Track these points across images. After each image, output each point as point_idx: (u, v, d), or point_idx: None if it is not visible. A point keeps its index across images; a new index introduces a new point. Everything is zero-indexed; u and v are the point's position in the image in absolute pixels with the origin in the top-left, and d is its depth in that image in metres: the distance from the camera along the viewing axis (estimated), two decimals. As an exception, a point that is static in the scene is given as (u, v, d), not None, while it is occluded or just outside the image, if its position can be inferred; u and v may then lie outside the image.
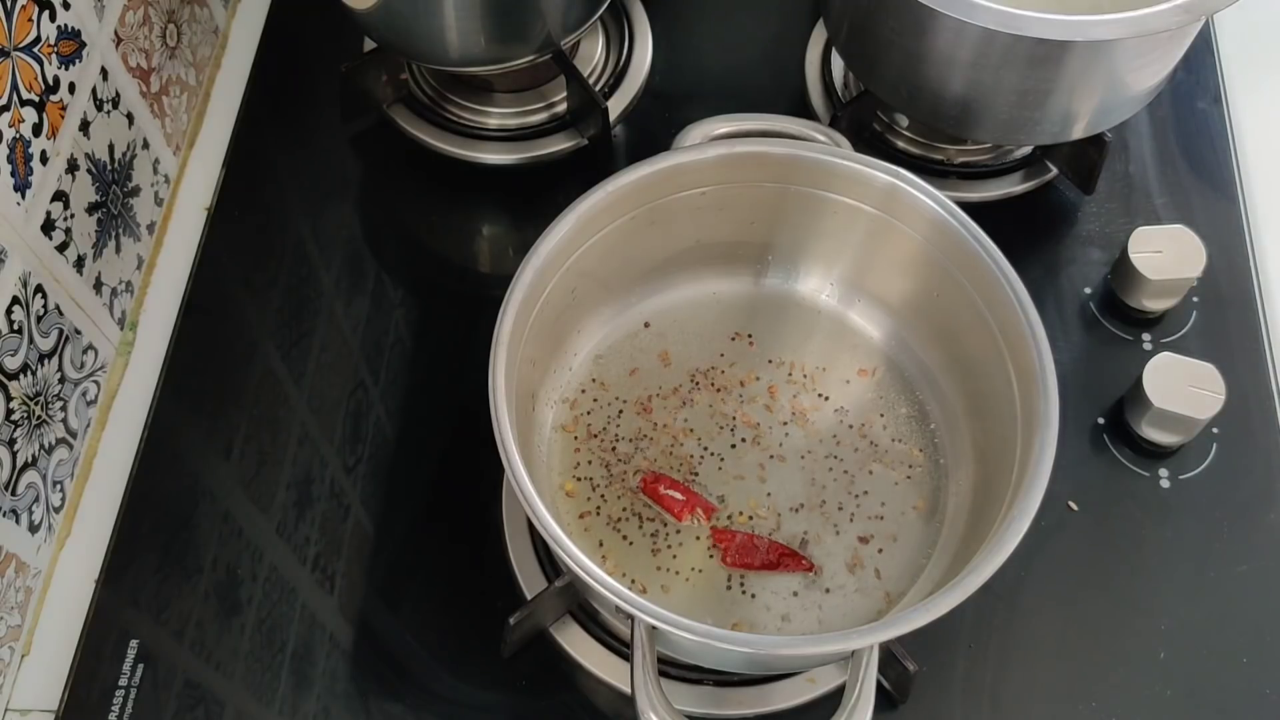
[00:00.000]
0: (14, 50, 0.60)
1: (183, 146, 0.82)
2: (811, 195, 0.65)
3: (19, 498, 0.62)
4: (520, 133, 0.81)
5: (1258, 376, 0.72)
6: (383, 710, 0.62)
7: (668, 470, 0.65)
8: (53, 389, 0.65)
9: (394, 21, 0.73)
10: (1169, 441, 0.68)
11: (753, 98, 0.79)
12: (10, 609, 0.63)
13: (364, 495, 0.68)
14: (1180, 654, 0.63)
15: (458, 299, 0.77)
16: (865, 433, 0.67)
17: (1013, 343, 0.58)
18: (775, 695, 0.61)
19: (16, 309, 0.61)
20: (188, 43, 0.81)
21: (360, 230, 0.79)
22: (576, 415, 0.67)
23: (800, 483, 0.65)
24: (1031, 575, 0.65)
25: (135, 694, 0.62)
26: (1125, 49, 0.64)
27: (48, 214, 0.64)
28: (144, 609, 0.64)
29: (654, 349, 0.70)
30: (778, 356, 0.69)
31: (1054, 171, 0.78)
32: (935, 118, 0.73)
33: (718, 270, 0.70)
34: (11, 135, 0.60)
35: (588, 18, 0.76)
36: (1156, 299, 0.72)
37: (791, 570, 0.62)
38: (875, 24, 0.70)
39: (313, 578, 0.66)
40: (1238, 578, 0.66)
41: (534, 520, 0.52)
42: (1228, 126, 0.82)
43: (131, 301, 0.75)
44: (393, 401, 0.71)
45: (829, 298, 0.71)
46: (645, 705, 0.50)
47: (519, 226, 0.80)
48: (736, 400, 0.68)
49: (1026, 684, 0.63)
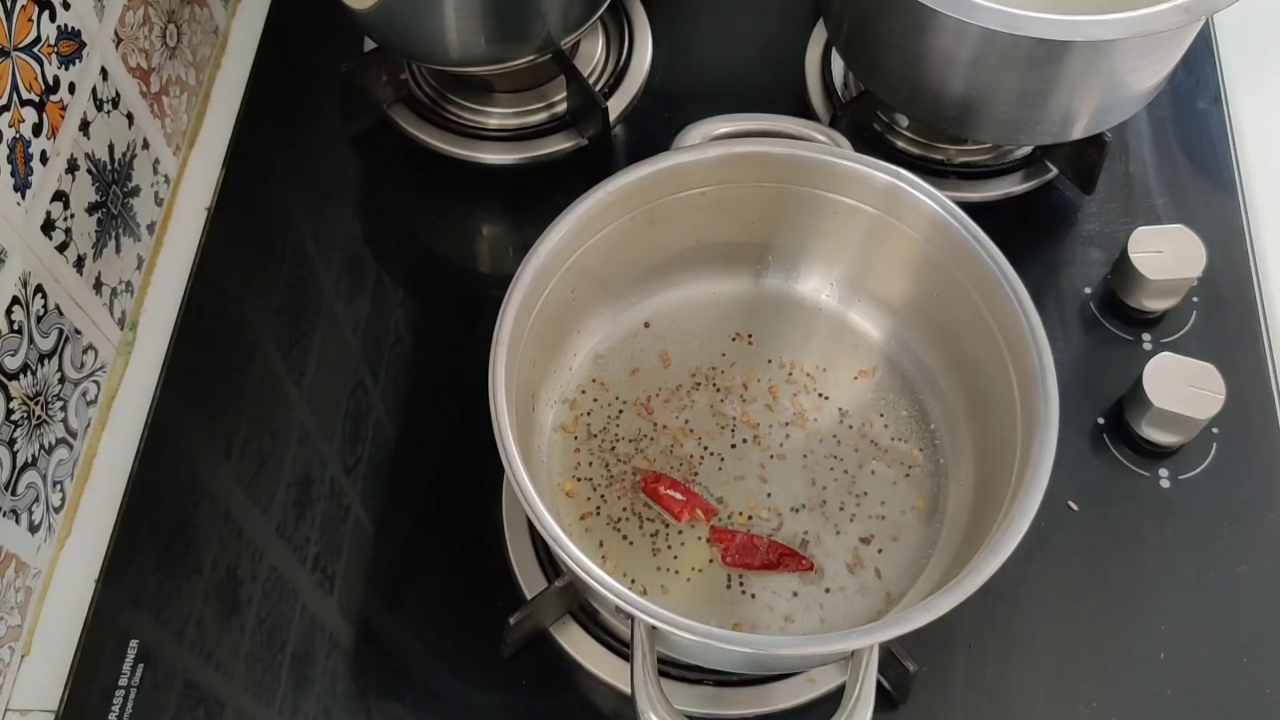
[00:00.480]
0: (14, 50, 0.60)
1: (183, 146, 0.82)
2: (811, 195, 0.65)
3: (19, 498, 0.62)
4: (520, 133, 0.81)
5: (1258, 376, 0.72)
6: (383, 710, 0.62)
7: (668, 470, 0.65)
8: (53, 389, 0.65)
9: (394, 21, 0.73)
10: (1169, 441, 0.68)
11: (753, 98, 0.79)
12: (10, 609, 0.63)
13: (364, 495, 0.68)
14: (1180, 654, 0.63)
15: (458, 299, 0.77)
16: (865, 433, 0.67)
17: (1013, 343, 0.58)
18: (775, 695, 0.61)
19: (16, 309, 0.61)
20: (188, 43, 0.81)
21: (360, 230, 0.79)
22: (576, 415, 0.67)
23: (800, 483, 0.65)
24: (1031, 575, 0.65)
25: (135, 694, 0.62)
26: (1125, 49, 0.64)
27: (48, 214, 0.64)
28: (144, 609, 0.64)
29: (654, 349, 0.70)
30: (778, 356, 0.69)
31: (1054, 171, 0.78)
32: (935, 118, 0.73)
33: (718, 270, 0.70)
34: (11, 135, 0.60)
35: (588, 18, 0.76)
36: (1156, 299, 0.72)
37: (791, 570, 0.62)
38: (875, 24, 0.71)
39: (313, 578, 0.66)
40: (1238, 578, 0.66)
41: (534, 520, 0.52)
42: (1228, 126, 0.82)
43: (131, 301, 0.75)
44: (393, 401, 0.71)
45: (829, 298, 0.71)
46: (645, 705, 0.50)
47: (519, 226, 0.80)
48: (737, 400, 0.68)
49: (1026, 684, 0.63)
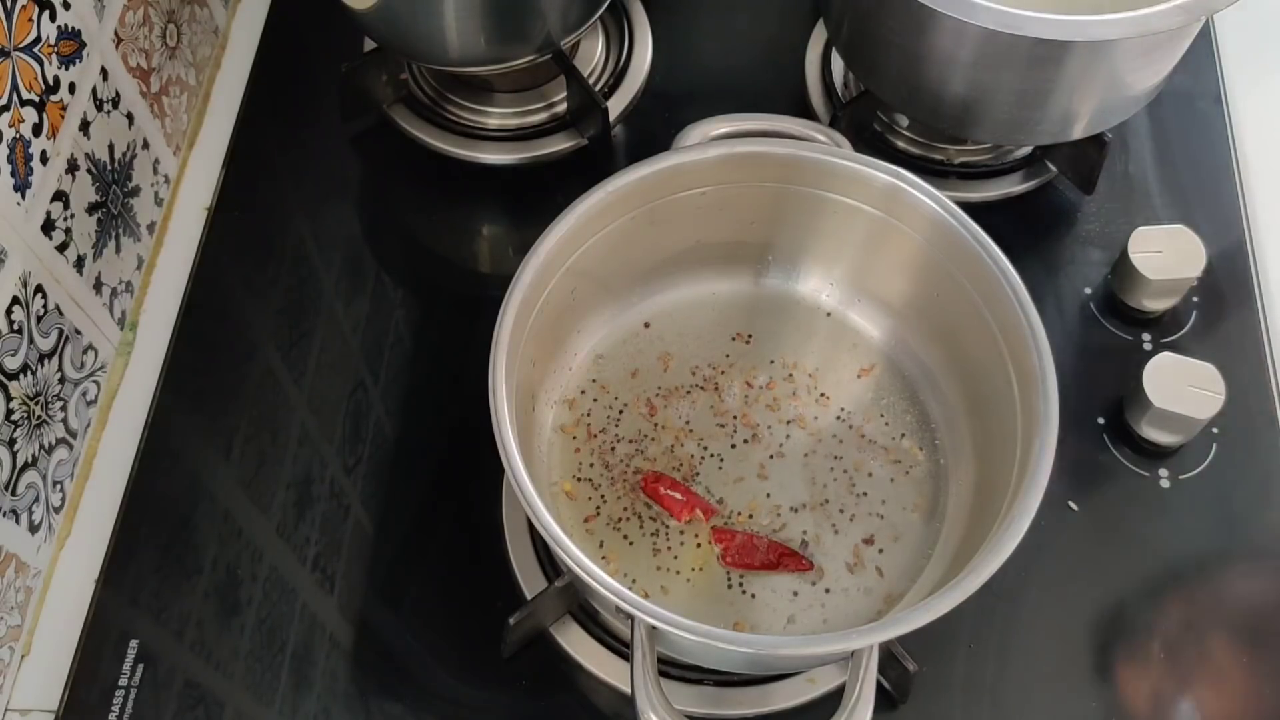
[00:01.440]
0: (14, 50, 0.60)
1: (183, 146, 0.82)
2: (811, 195, 0.65)
3: (19, 498, 0.62)
4: (520, 133, 0.81)
5: (1258, 376, 0.72)
6: (383, 710, 0.62)
7: (668, 470, 0.65)
8: (53, 389, 0.65)
9: (394, 21, 0.73)
10: (1169, 441, 0.68)
11: (753, 98, 0.79)
12: (10, 609, 0.63)
13: (364, 495, 0.68)
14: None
15: (458, 299, 0.77)
16: (865, 432, 0.67)
17: (1013, 343, 0.58)
18: (775, 695, 0.61)
19: (16, 309, 0.61)
20: (188, 43, 0.81)
21: (360, 230, 0.79)
22: (577, 416, 0.67)
23: (801, 483, 0.65)
24: (1031, 575, 0.65)
25: (135, 694, 0.62)
26: (1125, 49, 0.64)
27: (48, 214, 0.64)
28: (144, 609, 0.64)
29: (654, 349, 0.70)
30: (778, 356, 0.69)
31: (1054, 171, 0.78)
32: (935, 118, 0.73)
33: (718, 270, 0.70)
34: (11, 135, 0.60)
35: (588, 18, 0.76)
36: (1156, 299, 0.72)
37: (791, 570, 0.62)
38: (875, 24, 0.71)
39: (313, 578, 0.66)
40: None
41: (534, 520, 0.52)
42: (1228, 126, 0.82)
43: (131, 301, 0.75)
44: (393, 401, 0.71)
45: (829, 298, 0.70)
46: (645, 705, 0.50)
47: (519, 226, 0.80)
48: (737, 400, 0.68)
49: (1026, 684, 0.63)
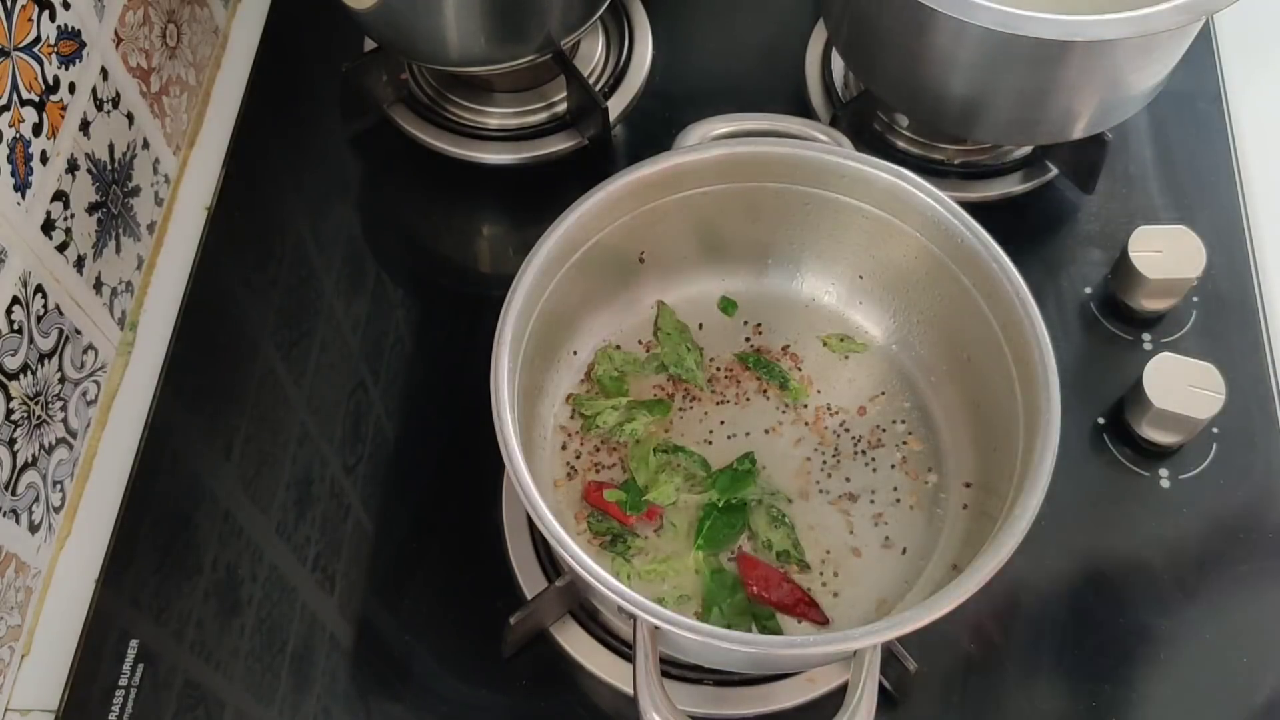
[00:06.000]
0: (14, 50, 0.60)
1: (183, 146, 0.82)
2: (812, 195, 0.65)
3: (19, 498, 0.62)
4: (520, 133, 0.81)
5: (1258, 376, 0.72)
6: (383, 710, 0.62)
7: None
8: (53, 389, 0.65)
9: (394, 21, 0.73)
10: (1169, 441, 0.68)
11: (753, 98, 0.79)
12: (10, 609, 0.63)
13: (364, 495, 0.68)
14: (1180, 654, 0.63)
15: (458, 299, 0.77)
16: (865, 432, 0.67)
17: (1014, 342, 0.58)
18: (776, 695, 0.61)
19: (16, 309, 0.61)
20: (188, 43, 0.81)
21: (360, 230, 0.79)
22: (577, 415, 0.67)
23: (798, 480, 0.65)
24: (1032, 575, 0.65)
25: (135, 694, 0.62)
26: (1125, 49, 0.64)
27: (48, 214, 0.64)
28: (144, 609, 0.64)
29: (654, 349, 0.70)
30: (778, 356, 0.69)
31: (1054, 171, 0.78)
32: (935, 117, 0.73)
33: (719, 270, 0.70)
34: (11, 135, 0.60)
35: (588, 18, 0.76)
36: (1156, 299, 0.72)
37: (804, 619, 0.61)
38: (875, 24, 0.71)
39: (313, 578, 0.66)
40: (1238, 578, 0.66)
41: (535, 519, 0.52)
42: (1227, 126, 0.82)
43: (131, 301, 0.75)
44: (393, 401, 0.71)
45: (829, 298, 0.70)
46: (648, 705, 0.50)
47: (519, 226, 0.80)
48: (737, 400, 0.68)
49: (1026, 684, 0.63)
